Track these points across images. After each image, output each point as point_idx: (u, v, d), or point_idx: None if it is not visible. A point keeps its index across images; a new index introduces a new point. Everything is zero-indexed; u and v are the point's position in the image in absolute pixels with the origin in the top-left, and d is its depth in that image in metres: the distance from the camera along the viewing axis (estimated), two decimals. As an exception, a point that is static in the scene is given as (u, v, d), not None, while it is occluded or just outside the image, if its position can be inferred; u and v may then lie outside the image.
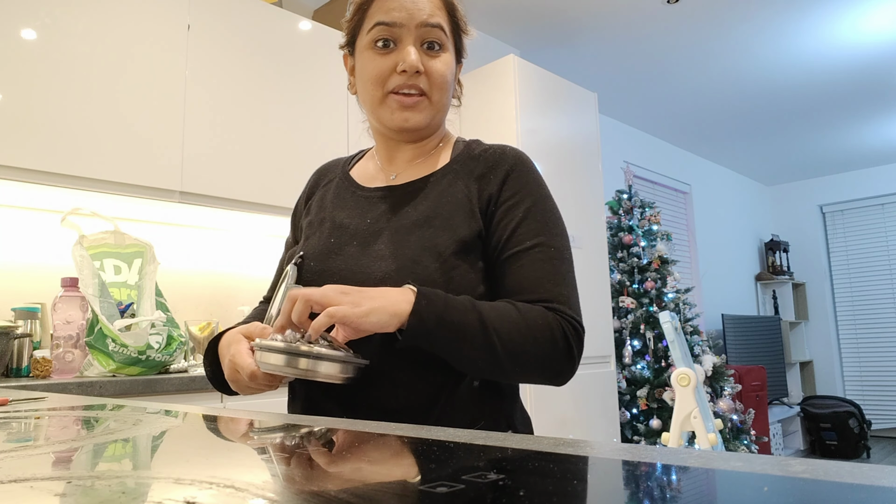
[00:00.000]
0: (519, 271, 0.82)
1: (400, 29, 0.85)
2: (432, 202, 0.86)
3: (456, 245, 0.82)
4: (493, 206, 0.86)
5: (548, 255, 0.83)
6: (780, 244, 6.52)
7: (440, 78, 0.87)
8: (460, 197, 0.86)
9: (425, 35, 0.86)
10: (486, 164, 0.89)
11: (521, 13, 3.37)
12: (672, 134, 5.29)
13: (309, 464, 0.37)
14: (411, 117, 0.87)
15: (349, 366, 0.75)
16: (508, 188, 0.86)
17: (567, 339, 0.79)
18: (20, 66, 1.80)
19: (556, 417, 2.79)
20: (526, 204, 0.85)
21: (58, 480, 0.33)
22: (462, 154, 0.92)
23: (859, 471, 0.29)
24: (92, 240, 1.92)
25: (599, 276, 3.17)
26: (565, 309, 0.80)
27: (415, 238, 0.82)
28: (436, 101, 0.88)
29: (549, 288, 0.81)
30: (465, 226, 0.83)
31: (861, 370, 6.31)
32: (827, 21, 3.55)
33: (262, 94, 2.33)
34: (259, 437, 0.49)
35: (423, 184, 0.89)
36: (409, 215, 0.86)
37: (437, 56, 0.87)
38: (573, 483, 0.30)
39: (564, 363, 0.79)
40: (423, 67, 0.85)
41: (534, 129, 2.95)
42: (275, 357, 0.74)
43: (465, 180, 0.88)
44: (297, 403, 0.89)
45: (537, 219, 0.85)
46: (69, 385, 1.55)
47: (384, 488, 0.31)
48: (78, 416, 0.63)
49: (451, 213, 0.84)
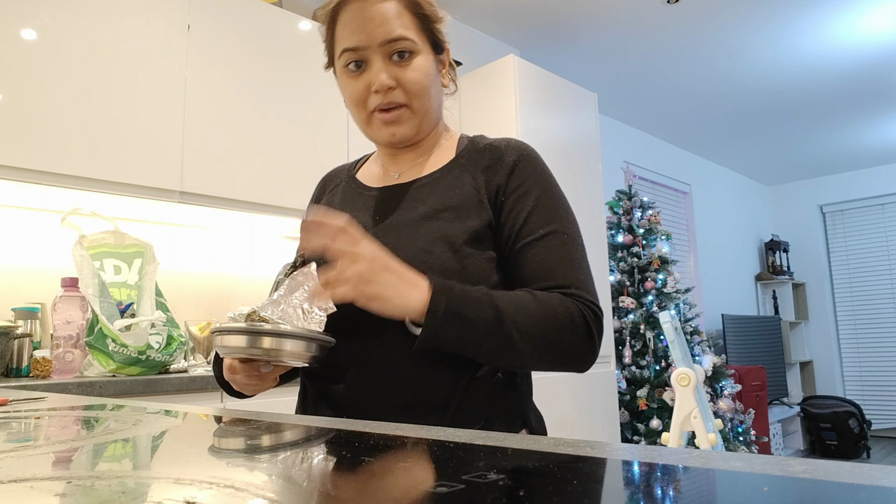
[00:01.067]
0: (534, 259, 0.82)
1: (365, 50, 0.85)
2: (441, 196, 0.86)
3: (468, 234, 0.82)
4: (502, 196, 0.86)
5: (561, 241, 0.83)
6: (780, 244, 6.52)
7: (415, 86, 0.86)
8: (468, 189, 0.86)
9: (391, 49, 0.85)
10: (493, 156, 0.89)
11: (521, 13, 3.37)
12: (672, 134, 5.29)
13: (309, 464, 0.37)
14: (397, 131, 0.88)
15: (313, 343, 0.73)
16: (516, 178, 0.86)
17: (587, 323, 0.78)
18: (20, 66, 1.80)
19: (556, 417, 2.79)
20: (535, 193, 0.86)
21: (58, 480, 0.33)
22: (467, 148, 0.92)
23: (859, 471, 0.29)
24: (92, 240, 1.92)
25: (599, 276, 3.17)
26: (583, 294, 0.81)
27: (425, 229, 0.82)
28: (417, 109, 0.88)
29: (565, 273, 0.81)
30: (476, 216, 0.84)
31: (861, 370, 6.31)
32: (827, 21, 3.55)
33: (262, 94, 2.33)
34: (259, 436, 0.49)
35: (430, 179, 0.90)
36: (418, 209, 0.86)
37: (407, 64, 0.85)
38: (573, 483, 0.30)
39: (585, 348, 0.79)
40: (394, 82, 0.85)
41: (534, 129, 2.95)
42: (235, 339, 0.71)
43: (471, 173, 0.88)
44: (308, 402, 0.89)
45: (548, 207, 0.85)
46: (69, 385, 1.55)
47: (384, 488, 0.31)
48: (78, 416, 0.63)
49: (461, 205, 0.84)
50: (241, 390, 0.85)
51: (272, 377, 0.82)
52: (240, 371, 0.79)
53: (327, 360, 0.80)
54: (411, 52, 0.86)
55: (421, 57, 0.87)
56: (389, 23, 0.84)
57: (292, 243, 2.80)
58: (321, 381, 0.86)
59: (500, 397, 0.82)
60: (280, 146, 2.36)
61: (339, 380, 0.83)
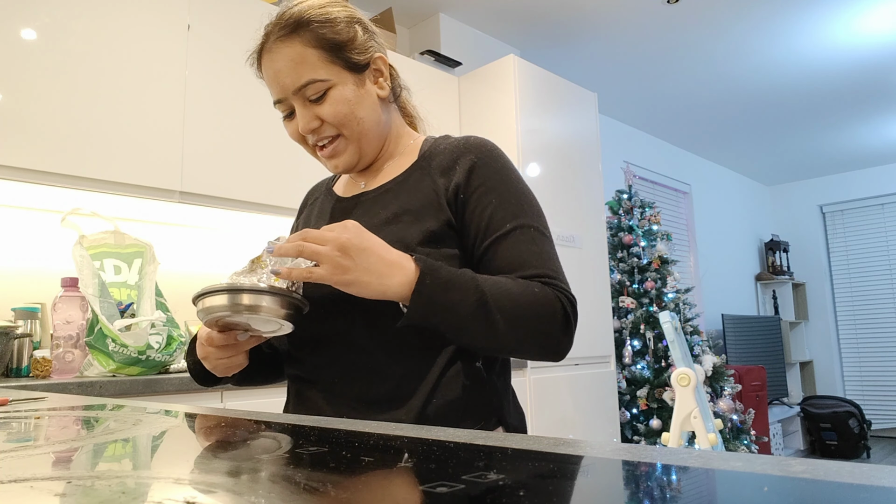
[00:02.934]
0: (504, 255, 0.83)
1: (286, 100, 0.89)
2: (402, 200, 0.88)
3: (423, 235, 0.84)
4: (462, 194, 0.87)
5: (529, 235, 0.84)
6: (780, 244, 6.52)
7: (335, 117, 0.88)
8: (427, 192, 0.88)
9: (305, 94, 0.87)
10: (452, 157, 0.90)
11: (521, 13, 3.37)
12: (672, 134, 5.29)
13: (308, 464, 0.37)
14: (339, 162, 0.92)
15: (288, 299, 0.75)
16: (476, 177, 0.87)
17: (565, 311, 0.81)
18: (20, 66, 1.80)
19: (556, 417, 2.79)
20: (498, 190, 0.86)
21: (58, 480, 0.33)
22: (429, 151, 0.93)
23: (859, 471, 0.29)
24: (92, 240, 1.92)
25: (599, 276, 3.17)
26: (559, 282, 0.82)
27: (384, 234, 0.83)
28: (350, 135, 0.90)
29: (537, 265, 0.83)
30: (433, 218, 0.85)
31: (861, 370, 6.31)
32: (827, 21, 3.55)
33: (262, 93, 2.33)
34: (258, 436, 0.49)
35: (393, 185, 0.92)
36: (380, 215, 0.88)
37: (322, 102, 0.88)
38: (573, 483, 0.30)
39: (562, 336, 0.81)
40: (317, 122, 0.88)
41: (534, 129, 2.95)
42: (217, 299, 0.73)
43: (431, 175, 0.89)
44: (289, 401, 0.93)
45: (511, 202, 0.86)
46: (69, 385, 1.55)
47: (384, 488, 0.31)
48: (78, 416, 0.63)
49: (420, 208, 0.86)
50: (212, 369, 0.87)
51: (244, 350, 0.85)
52: (217, 342, 0.81)
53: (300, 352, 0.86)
54: (325, 91, 0.87)
55: (337, 88, 0.88)
56: (295, 70, 0.86)
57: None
58: (297, 380, 0.91)
59: (470, 391, 0.83)
60: (280, 146, 2.36)
61: (314, 377, 0.88)
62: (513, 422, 0.88)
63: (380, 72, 0.93)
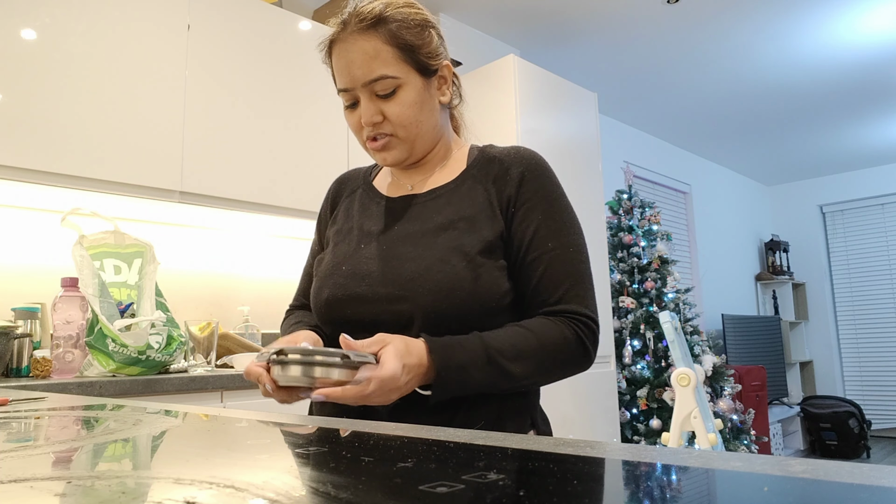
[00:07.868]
0: (540, 273, 0.88)
1: (353, 91, 0.90)
2: (455, 207, 0.91)
3: (481, 245, 0.86)
4: (513, 207, 0.90)
5: (567, 255, 0.89)
6: (780, 244, 6.52)
7: (399, 118, 0.90)
8: (481, 200, 0.91)
9: (373, 88, 0.89)
10: (503, 167, 0.93)
11: (521, 13, 3.37)
12: (672, 134, 5.29)
13: (309, 464, 0.37)
14: (388, 156, 0.94)
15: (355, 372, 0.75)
16: (525, 190, 0.91)
17: (582, 341, 0.86)
18: (20, 66, 1.80)
19: (557, 417, 2.79)
20: (543, 206, 0.90)
21: (58, 480, 0.33)
22: (478, 159, 0.96)
23: (859, 471, 0.29)
24: (92, 240, 1.91)
25: (599, 276, 3.17)
26: (581, 309, 0.87)
27: (441, 240, 0.86)
28: (404, 136, 0.92)
29: (567, 289, 0.88)
30: (489, 227, 0.88)
31: (861, 370, 6.31)
32: (827, 21, 3.55)
33: (262, 94, 2.33)
34: (259, 436, 0.49)
35: (444, 190, 0.94)
36: (434, 220, 0.90)
37: (392, 99, 0.89)
38: (573, 483, 0.30)
39: (582, 361, 0.88)
40: (380, 117, 0.90)
41: (534, 129, 2.95)
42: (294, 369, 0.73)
43: (483, 184, 0.92)
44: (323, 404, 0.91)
45: (555, 219, 0.90)
46: (69, 385, 1.55)
47: (384, 488, 0.31)
48: (78, 416, 0.63)
49: (474, 216, 0.89)
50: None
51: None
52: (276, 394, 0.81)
53: None
54: (395, 89, 0.89)
55: (405, 89, 0.90)
56: (368, 64, 0.88)
57: (292, 243, 2.80)
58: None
59: (509, 399, 0.88)
60: (280, 146, 2.36)
61: None
62: (542, 427, 0.93)
63: (444, 79, 0.96)
